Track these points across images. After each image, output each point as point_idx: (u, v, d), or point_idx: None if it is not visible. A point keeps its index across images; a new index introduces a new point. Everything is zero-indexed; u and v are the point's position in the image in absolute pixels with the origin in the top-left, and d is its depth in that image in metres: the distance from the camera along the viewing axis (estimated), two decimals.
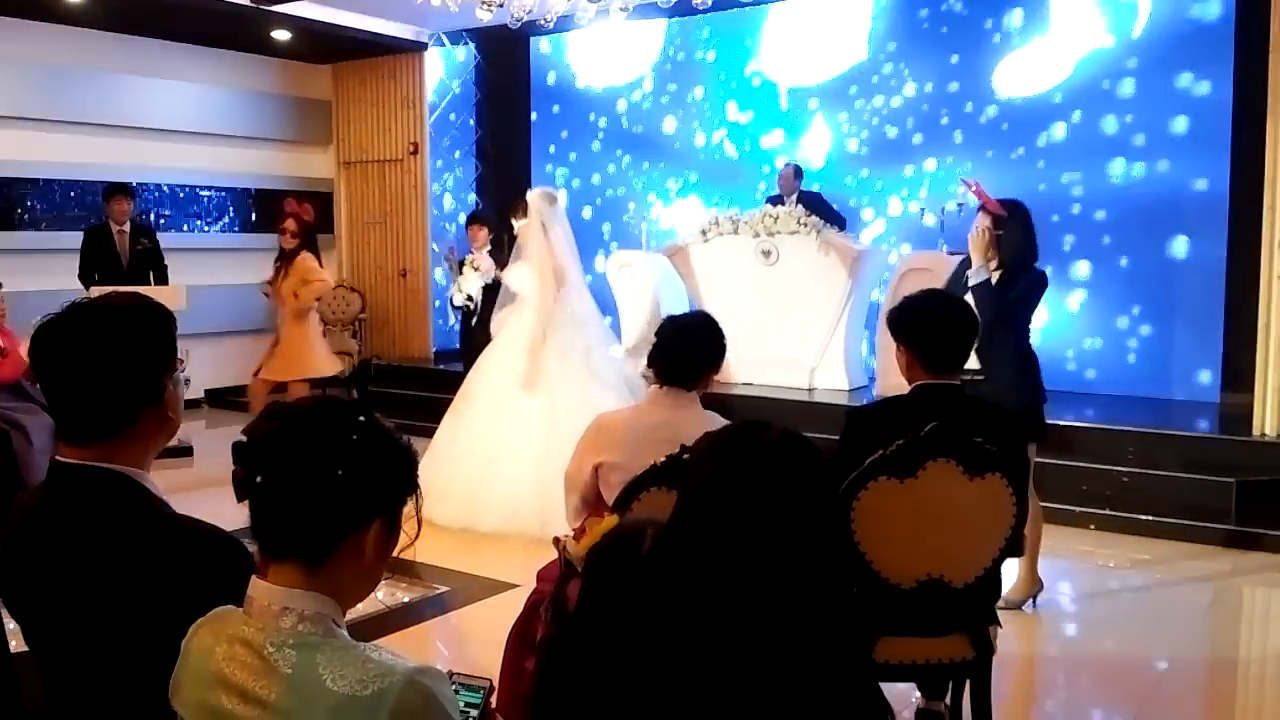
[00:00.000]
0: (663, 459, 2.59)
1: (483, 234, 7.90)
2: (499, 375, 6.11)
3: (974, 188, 4.64)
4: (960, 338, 2.98)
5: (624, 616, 1.45)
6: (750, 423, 1.57)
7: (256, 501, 1.38)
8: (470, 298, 7.75)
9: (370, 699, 1.27)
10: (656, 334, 3.11)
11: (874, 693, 1.49)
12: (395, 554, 1.48)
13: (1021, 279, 4.34)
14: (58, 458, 1.72)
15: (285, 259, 7.10)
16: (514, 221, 6.27)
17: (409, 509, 1.46)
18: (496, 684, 1.85)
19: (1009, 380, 4.31)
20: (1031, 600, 4.63)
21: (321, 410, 1.42)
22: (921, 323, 2.97)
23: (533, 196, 6.14)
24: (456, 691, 1.66)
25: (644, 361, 3.18)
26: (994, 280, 4.39)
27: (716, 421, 2.99)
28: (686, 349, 3.06)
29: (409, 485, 1.44)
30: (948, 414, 2.75)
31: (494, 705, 1.80)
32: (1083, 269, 7.69)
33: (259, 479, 1.36)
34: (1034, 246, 4.41)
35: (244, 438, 1.41)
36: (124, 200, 7.83)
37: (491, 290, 7.62)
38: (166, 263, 8.08)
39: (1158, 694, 3.91)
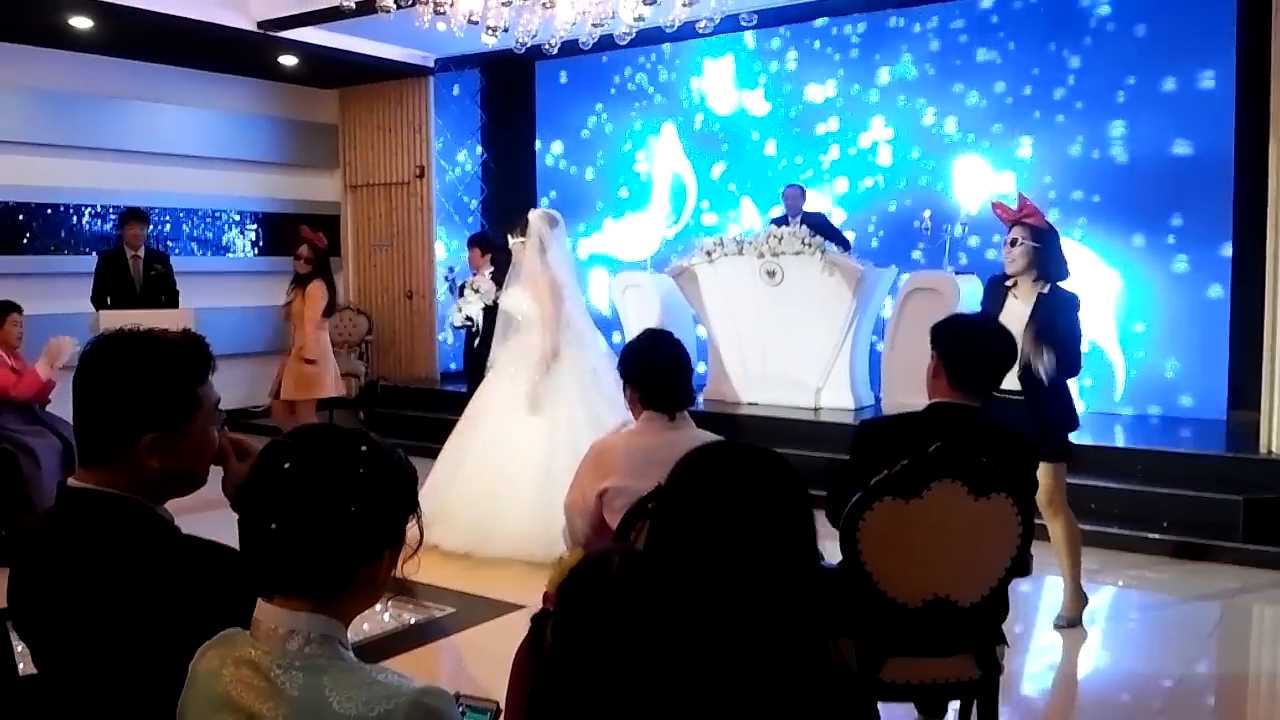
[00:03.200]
0: (666, 480, 2.60)
1: (482, 256, 7.92)
2: (501, 399, 6.06)
3: (1020, 201, 4.59)
4: (996, 363, 3.02)
5: (600, 645, 1.46)
6: (724, 443, 1.59)
7: (268, 546, 1.37)
8: (470, 319, 7.76)
9: None
10: (623, 367, 3.12)
11: (859, 699, 1.49)
12: (399, 572, 1.49)
13: (1068, 306, 4.38)
14: (69, 481, 1.74)
15: (299, 283, 7.18)
16: (510, 239, 6.16)
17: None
18: (503, 706, 1.85)
19: (1051, 400, 4.34)
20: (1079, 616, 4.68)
21: (326, 447, 1.40)
22: (963, 337, 3.01)
23: (534, 216, 6.09)
24: (463, 714, 1.67)
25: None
26: (1028, 292, 4.42)
27: (709, 440, 3.00)
28: (660, 382, 3.07)
29: (413, 506, 1.45)
30: (957, 433, 2.76)
31: None
32: (1089, 285, 7.68)
33: (273, 526, 1.35)
34: (1065, 259, 4.46)
35: (249, 485, 1.40)
36: (139, 225, 7.93)
37: (493, 311, 7.64)
38: (178, 288, 8.14)
39: (1166, 713, 3.89)
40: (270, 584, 1.38)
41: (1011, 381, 4.21)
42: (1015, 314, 4.36)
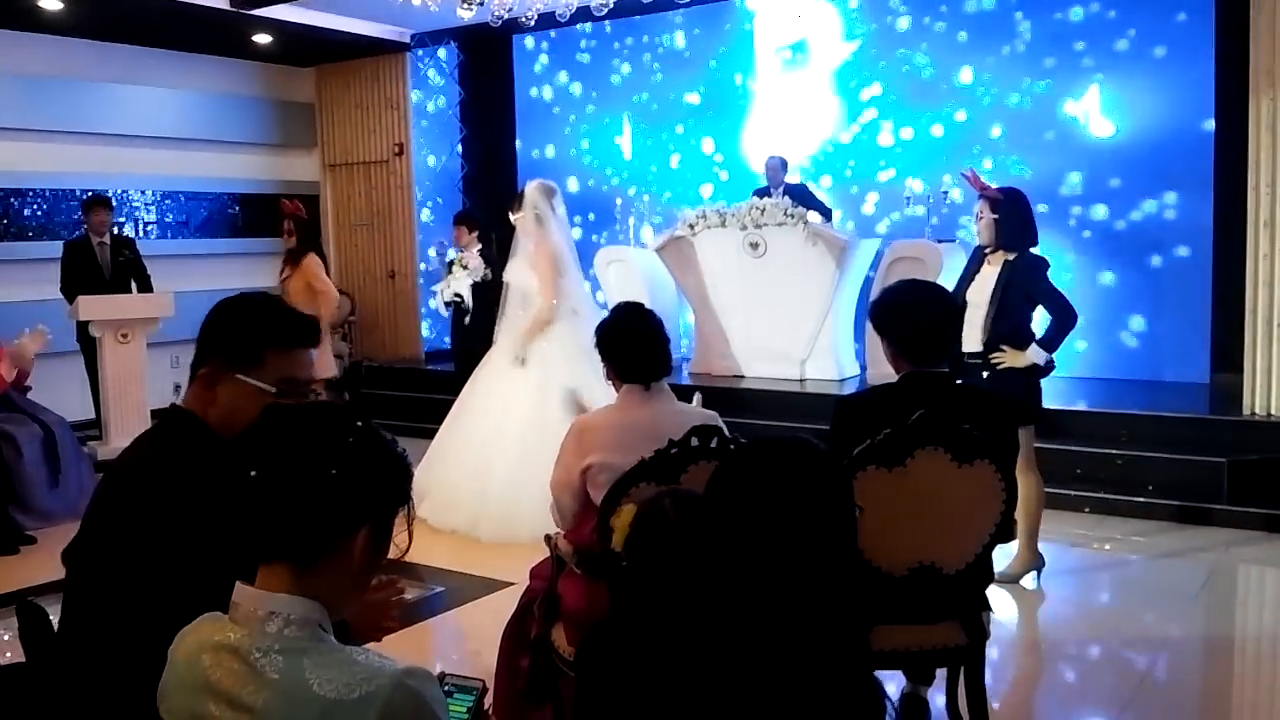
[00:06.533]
0: (650, 454, 2.59)
1: (467, 233, 7.87)
2: (496, 377, 6.05)
3: (970, 176, 4.80)
4: (940, 330, 2.98)
5: (669, 591, 1.49)
6: (777, 441, 1.59)
7: (249, 498, 1.38)
8: (459, 295, 7.72)
9: (358, 702, 1.27)
10: (598, 341, 3.11)
11: (872, 685, 1.51)
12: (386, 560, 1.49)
13: (1030, 270, 4.52)
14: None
15: (290, 259, 7.08)
16: (510, 215, 6.05)
17: (401, 521, 1.47)
18: (491, 684, 1.85)
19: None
20: (1036, 575, 4.74)
21: (319, 412, 1.44)
22: (900, 317, 2.96)
23: (530, 188, 6.00)
24: (450, 693, 1.66)
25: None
26: (998, 259, 4.55)
27: (691, 413, 3.00)
28: (632, 353, 3.06)
29: (402, 496, 1.45)
30: (936, 401, 2.75)
31: (488, 705, 1.80)
32: (1071, 253, 7.70)
33: (253, 474, 1.37)
34: (1031, 229, 4.61)
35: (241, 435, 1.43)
36: (103, 212, 7.76)
37: (481, 289, 7.59)
38: (150, 271, 8.02)
39: (1153, 675, 3.92)
40: (252, 547, 1.39)
41: (975, 346, 4.45)
42: (985, 280, 4.57)
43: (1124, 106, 7.47)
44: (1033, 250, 4.59)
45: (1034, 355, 4.45)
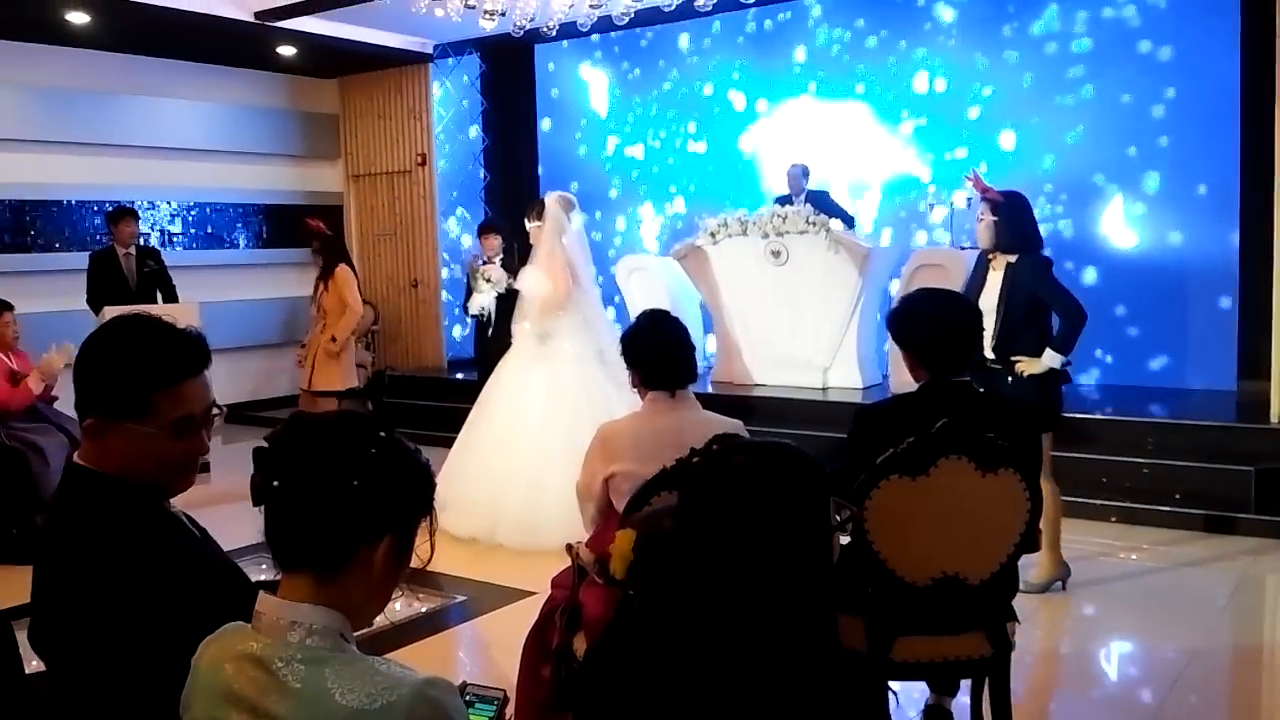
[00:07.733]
0: (671, 463, 2.58)
1: (495, 242, 7.91)
2: (510, 384, 6.06)
3: (973, 178, 4.80)
4: (958, 340, 2.95)
5: (669, 609, 1.47)
6: (725, 448, 1.58)
7: (272, 507, 1.38)
8: (483, 308, 7.75)
9: (380, 712, 1.27)
10: (624, 348, 3.11)
11: (868, 684, 1.49)
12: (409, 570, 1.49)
13: (1032, 271, 4.49)
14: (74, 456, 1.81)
15: (322, 275, 7.16)
16: (526, 222, 6.10)
17: (423, 531, 1.47)
18: (513, 693, 1.84)
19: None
20: (1061, 584, 4.73)
21: (343, 422, 1.43)
22: (919, 326, 2.95)
23: (550, 199, 6.05)
24: (471, 704, 1.66)
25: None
26: (1001, 263, 4.55)
27: (714, 421, 2.99)
28: (659, 360, 3.06)
29: (424, 506, 1.45)
30: (957, 410, 2.73)
31: (510, 715, 1.80)
32: (1098, 259, 7.65)
33: (276, 483, 1.37)
34: (1033, 231, 4.62)
35: (266, 444, 1.42)
36: (130, 223, 7.83)
37: (504, 300, 7.62)
38: (176, 282, 8.08)
39: (1181, 685, 3.87)
40: (274, 553, 1.40)
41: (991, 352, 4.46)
42: (992, 285, 4.58)
43: (1151, 116, 7.41)
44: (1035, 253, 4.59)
45: (1049, 360, 4.42)
